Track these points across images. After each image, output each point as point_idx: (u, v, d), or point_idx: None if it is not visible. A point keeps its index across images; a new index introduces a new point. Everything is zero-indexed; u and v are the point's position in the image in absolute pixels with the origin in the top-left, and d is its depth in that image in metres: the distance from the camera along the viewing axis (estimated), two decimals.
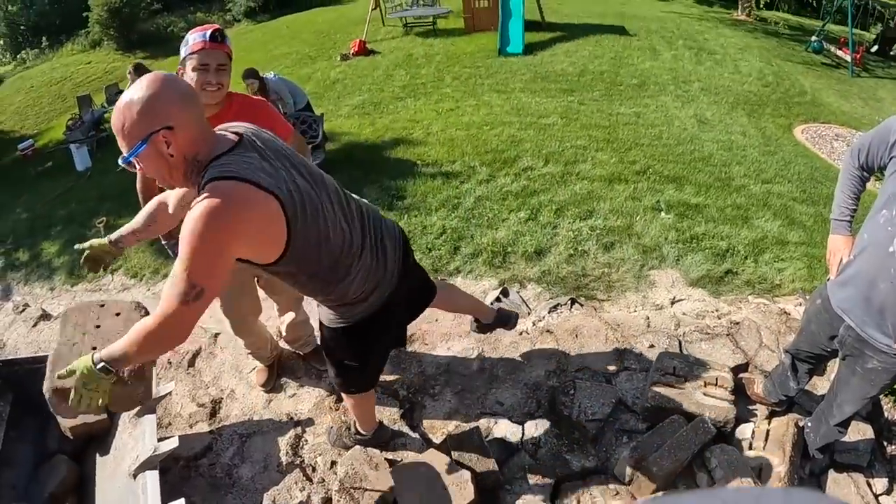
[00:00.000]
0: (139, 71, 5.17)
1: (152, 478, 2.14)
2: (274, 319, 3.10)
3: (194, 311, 1.44)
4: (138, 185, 2.40)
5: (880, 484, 2.35)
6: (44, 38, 21.27)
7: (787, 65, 11.33)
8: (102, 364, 1.51)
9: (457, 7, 13.30)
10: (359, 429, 2.49)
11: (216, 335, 3.47)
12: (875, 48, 14.78)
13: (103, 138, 9.02)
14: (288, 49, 13.12)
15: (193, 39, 2.04)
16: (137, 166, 1.47)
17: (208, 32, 2.02)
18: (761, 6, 17.20)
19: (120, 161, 1.46)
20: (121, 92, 12.04)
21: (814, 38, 13.69)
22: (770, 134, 6.98)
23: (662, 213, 4.35)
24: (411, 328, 3.31)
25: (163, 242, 2.53)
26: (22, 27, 22.06)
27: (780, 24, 15.77)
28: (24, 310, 4.49)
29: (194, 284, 1.38)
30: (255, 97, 2.36)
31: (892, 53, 15.02)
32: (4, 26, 22.16)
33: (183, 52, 2.06)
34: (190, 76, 2.04)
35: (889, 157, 1.78)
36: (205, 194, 1.38)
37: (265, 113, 2.31)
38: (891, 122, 1.81)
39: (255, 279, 2.65)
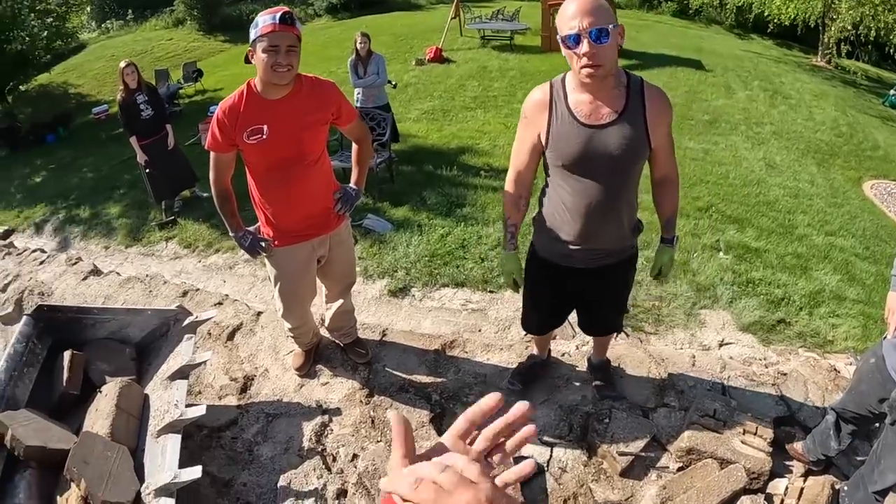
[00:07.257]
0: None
1: (173, 441, 2.17)
2: (318, 307, 3.12)
3: None
4: (212, 174, 2.34)
5: None
6: (129, 11, 22.19)
7: (863, 117, 10.91)
8: None
9: (535, 25, 13.27)
10: None
11: (259, 313, 3.52)
12: None
13: (176, 112, 9.29)
14: None
15: (263, 21, 2.00)
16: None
17: (278, 14, 1.98)
18: (842, 55, 16.65)
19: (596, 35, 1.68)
20: (199, 70, 12.48)
21: (892, 91, 13.21)
22: (838, 186, 6.71)
23: (721, 254, 4.24)
24: (453, 334, 3.30)
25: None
26: None
27: (858, 73, 15.22)
28: (76, 262, 4.65)
29: None
30: (324, 79, 2.38)
31: None
32: None
33: (252, 33, 2.05)
34: (260, 58, 2.04)
35: None
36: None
37: (335, 94, 2.33)
38: None
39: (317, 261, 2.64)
